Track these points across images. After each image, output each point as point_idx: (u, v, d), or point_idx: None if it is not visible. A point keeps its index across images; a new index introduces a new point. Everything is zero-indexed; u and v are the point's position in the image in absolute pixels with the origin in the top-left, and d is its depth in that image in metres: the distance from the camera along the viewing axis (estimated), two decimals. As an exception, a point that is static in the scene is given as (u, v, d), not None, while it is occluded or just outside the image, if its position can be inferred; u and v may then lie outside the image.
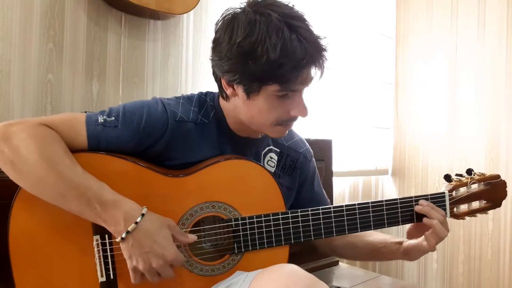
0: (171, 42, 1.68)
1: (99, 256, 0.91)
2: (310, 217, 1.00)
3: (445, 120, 2.40)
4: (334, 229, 1.01)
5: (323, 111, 2.24)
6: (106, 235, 0.91)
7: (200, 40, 1.76)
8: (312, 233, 1.00)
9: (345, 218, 1.02)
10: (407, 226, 1.13)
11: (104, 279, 0.91)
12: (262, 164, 1.04)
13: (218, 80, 0.99)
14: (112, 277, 0.91)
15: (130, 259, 0.86)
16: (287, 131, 1.04)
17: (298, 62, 0.87)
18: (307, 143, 1.23)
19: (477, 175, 1.12)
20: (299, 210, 1.00)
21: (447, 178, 1.10)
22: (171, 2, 1.53)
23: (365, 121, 2.48)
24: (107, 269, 0.91)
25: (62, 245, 0.90)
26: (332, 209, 1.01)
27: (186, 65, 1.72)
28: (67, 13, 1.42)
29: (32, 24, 1.34)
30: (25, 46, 1.33)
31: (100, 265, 0.91)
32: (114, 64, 1.54)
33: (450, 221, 2.47)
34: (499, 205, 1.16)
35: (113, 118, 0.94)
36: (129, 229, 0.84)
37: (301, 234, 1.00)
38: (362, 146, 2.47)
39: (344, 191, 2.36)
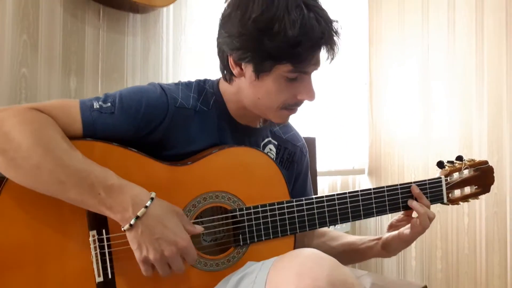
0: (151, 37, 1.61)
1: (96, 253, 0.83)
2: (315, 205, 0.97)
3: (419, 119, 2.45)
4: (338, 217, 0.98)
5: (299, 111, 2.22)
6: (103, 230, 0.84)
7: (181, 36, 1.70)
8: (317, 221, 0.97)
9: (349, 205, 0.99)
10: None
11: (101, 279, 0.83)
12: (264, 152, 1.00)
13: (224, 59, 0.95)
14: (110, 277, 0.84)
15: (140, 249, 0.78)
16: (288, 120, 1.01)
17: (315, 41, 0.85)
18: (302, 138, 1.20)
19: (468, 161, 1.14)
20: (303, 198, 0.96)
21: (440, 165, 1.12)
22: (152, -6, 1.47)
23: (341, 121, 2.48)
24: (104, 268, 0.84)
25: (53, 244, 0.82)
26: (336, 196, 0.98)
27: (167, 60, 1.66)
28: (42, 3, 1.33)
29: (4, 13, 1.25)
30: (-4, 36, 1.24)
31: (97, 263, 0.83)
32: (92, 58, 1.45)
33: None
34: (488, 190, 1.19)
35: (109, 104, 0.88)
36: (138, 214, 0.76)
37: (306, 223, 0.96)
38: (339, 146, 2.47)
39: (323, 191, 2.34)
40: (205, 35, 1.76)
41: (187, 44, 1.72)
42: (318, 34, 0.85)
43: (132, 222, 0.76)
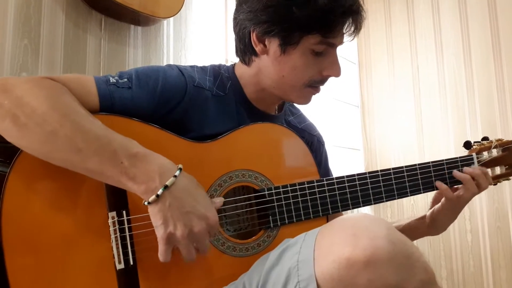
0: (152, 50, 1.60)
1: (116, 237, 0.76)
2: (346, 184, 0.91)
3: (414, 140, 2.46)
4: (372, 197, 0.93)
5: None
6: (124, 212, 0.77)
7: (181, 51, 1.70)
8: (350, 201, 0.91)
9: (381, 184, 0.94)
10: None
11: (122, 266, 0.75)
12: (291, 129, 0.96)
13: (245, 37, 0.91)
14: (131, 263, 0.76)
15: (165, 224, 0.69)
16: (310, 100, 0.98)
17: (347, 8, 0.84)
18: (317, 129, 1.17)
19: (496, 140, 1.11)
20: (334, 178, 0.91)
21: (467, 145, 1.08)
22: (155, 5, 1.47)
23: (335, 143, 2.48)
24: (125, 254, 0.76)
25: (69, 227, 0.74)
26: (367, 175, 0.94)
27: (168, 73, 1.64)
28: (44, 10, 1.31)
29: (6, 16, 1.22)
30: (-3, 39, 1.20)
31: (117, 248, 0.76)
32: (93, 67, 1.42)
33: (430, 237, 2.44)
34: None
35: (126, 79, 0.84)
36: (167, 183, 0.69)
37: (339, 204, 0.90)
38: (333, 168, 2.44)
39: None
40: (204, 50, 1.76)
41: (187, 59, 1.71)
42: (349, 1, 0.84)
43: (159, 192, 0.69)
